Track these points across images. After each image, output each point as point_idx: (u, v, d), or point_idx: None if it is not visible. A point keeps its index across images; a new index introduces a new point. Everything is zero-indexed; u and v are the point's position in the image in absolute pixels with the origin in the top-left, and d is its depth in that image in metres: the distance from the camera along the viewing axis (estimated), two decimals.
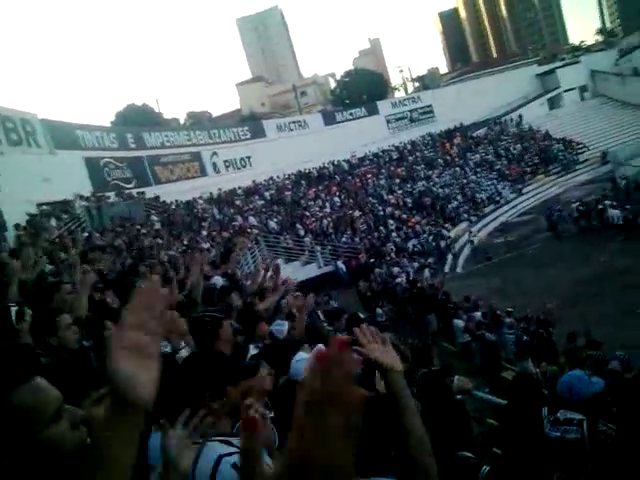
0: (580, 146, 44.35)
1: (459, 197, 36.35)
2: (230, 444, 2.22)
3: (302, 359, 3.89)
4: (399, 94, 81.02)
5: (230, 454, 2.16)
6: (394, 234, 29.61)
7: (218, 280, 10.95)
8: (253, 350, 4.49)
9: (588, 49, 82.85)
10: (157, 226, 22.07)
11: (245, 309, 6.35)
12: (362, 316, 7.00)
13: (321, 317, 8.16)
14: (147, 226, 21.25)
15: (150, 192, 28.21)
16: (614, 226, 25.46)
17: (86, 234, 17.32)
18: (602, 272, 20.53)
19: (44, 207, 20.13)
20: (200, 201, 30.01)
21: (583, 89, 54.79)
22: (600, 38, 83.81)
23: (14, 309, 4.13)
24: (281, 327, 5.52)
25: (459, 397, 4.42)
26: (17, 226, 15.78)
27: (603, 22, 74.58)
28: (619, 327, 14.57)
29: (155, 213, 24.69)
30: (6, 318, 4.01)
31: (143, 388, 0.99)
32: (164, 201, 27.58)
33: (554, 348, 13.34)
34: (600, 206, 27.33)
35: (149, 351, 1.00)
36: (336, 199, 34.21)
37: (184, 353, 4.34)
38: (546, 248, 26.62)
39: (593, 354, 11.40)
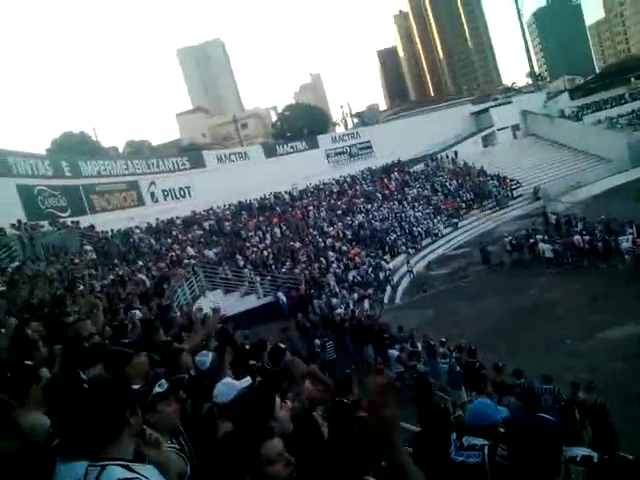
0: (513, 182, 46.02)
1: (397, 230, 36.99)
2: (130, 469, 2.19)
3: (229, 383, 3.88)
4: (339, 129, 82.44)
5: (128, 479, 2.13)
6: (334, 265, 29.80)
7: (136, 313, 10.76)
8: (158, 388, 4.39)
9: (519, 90, 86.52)
10: (91, 256, 21.58)
11: (167, 342, 6.30)
12: (283, 346, 7.08)
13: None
14: (81, 256, 20.76)
15: (85, 221, 27.56)
16: (545, 259, 26.43)
17: (17, 263, 16.79)
18: (532, 304, 21.23)
19: None
20: (137, 231, 29.50)
21: (515, 128, 57.15)
22: (530, 80, 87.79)
23: None
24: (205, 358, 5.43)
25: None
26: None
27: (532, 66, 77.98)
28: (545, 357, 15.11)
29: (89, 243, 24.11)
30: None
31: None
32: (100, 231, 26.97)
33: (484, 378, 13.62)
34: (531, 240, 28.35)
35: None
36: (277, 230, 34.23)
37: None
38: (480, 280, 27.33)
39: (519, 383, 11.84)
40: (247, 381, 3.91)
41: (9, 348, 5.40)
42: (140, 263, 22.36)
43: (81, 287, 13.69)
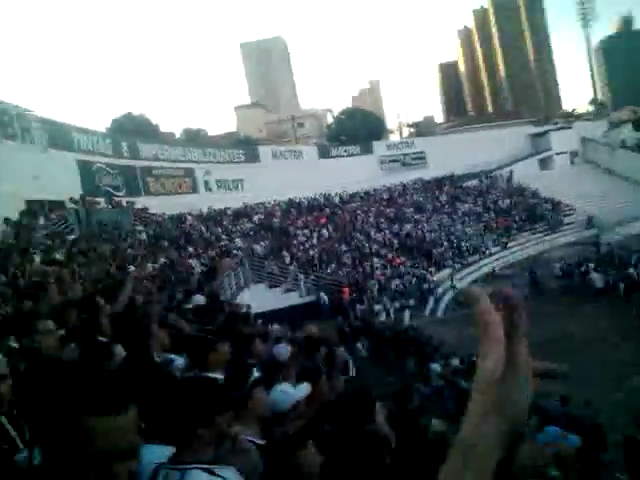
0: (567, 208, 45.04)
1: (445, 243, 36.53)
2: (212, 473, 2.08)
3: (286, 391, 3.61)
4: (394, 137, 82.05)
5: None
6: (378, 272, 29.62)
7: (200, 298, 10.74)
8: (256, 373, 4.29)
9: (579, 117, 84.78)
10: (142, 237, 21.92)
11: (237, 332, 6.19)
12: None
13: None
14: (133, 236, 21.10)
15: (139, 202, 28.02)
16: (594, 289, 25.76)
17: (73, 237, 17.14)
18: (576, 333, 20.67)
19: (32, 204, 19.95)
20: (189, 217, 29.86)
21: (574, 154, 55.94)
22: (591, 108, 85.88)
23: None
24: (284, 350, 5.14)
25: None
26: (7, 220, 15.61)
27: (595, 93, 75.93)
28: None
29: (142, 224, 24.49)
30: None
31: None
32: (154, 213, 27.38)
33: None
34: (583, 268, 27.69)
35: None
36: (324, 231, 34.25)
37: (179, 363, 4.18)
38: (525, 303, 26.69)
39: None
40: (305, 390, 3.70)
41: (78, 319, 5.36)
42: (190, 249, 22.61)
43: (132, 267, 13.85)
